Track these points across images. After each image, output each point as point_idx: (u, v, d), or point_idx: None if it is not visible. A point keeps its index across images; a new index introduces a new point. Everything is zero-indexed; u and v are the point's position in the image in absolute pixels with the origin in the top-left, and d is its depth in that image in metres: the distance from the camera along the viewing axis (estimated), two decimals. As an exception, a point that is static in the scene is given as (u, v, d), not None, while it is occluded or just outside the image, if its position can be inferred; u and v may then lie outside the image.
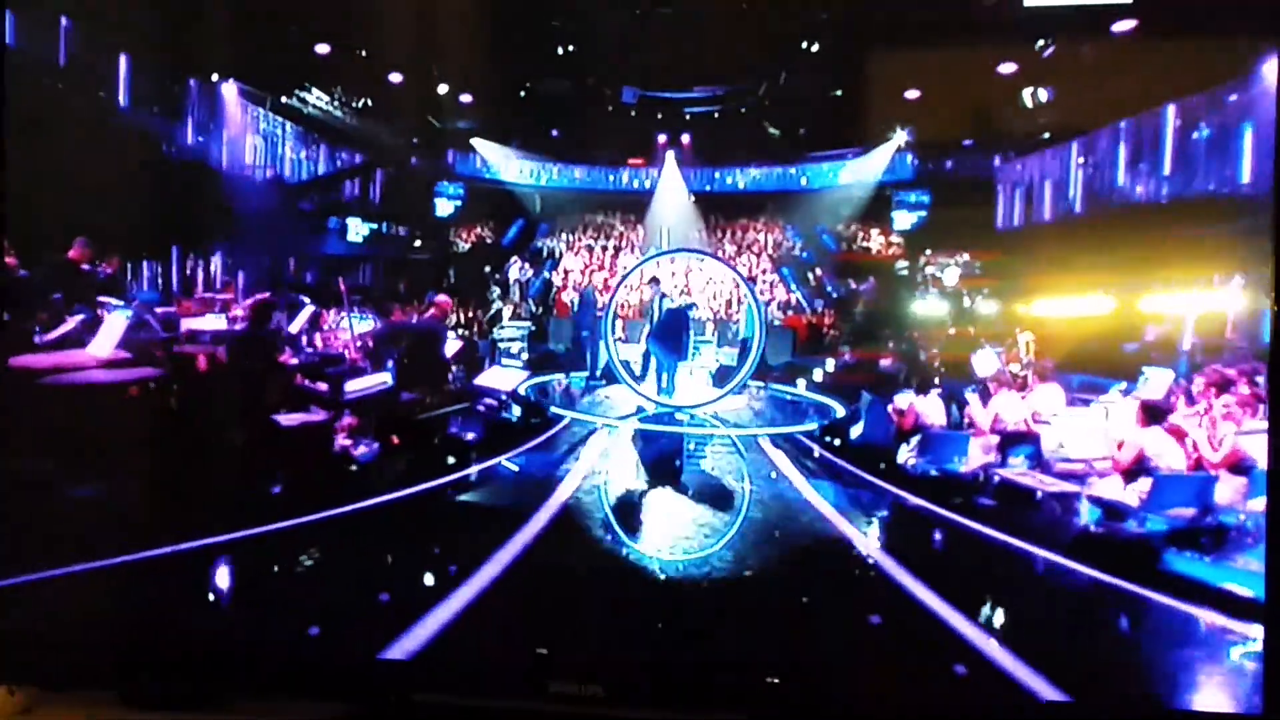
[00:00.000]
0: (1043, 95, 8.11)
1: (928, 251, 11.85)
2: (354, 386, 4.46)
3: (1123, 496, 3.45)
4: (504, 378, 6.96)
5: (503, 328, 8.42)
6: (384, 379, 4.65)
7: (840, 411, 6.39)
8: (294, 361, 5.29)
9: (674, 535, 3.76)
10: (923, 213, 11.77)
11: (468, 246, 10.48)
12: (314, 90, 8.24)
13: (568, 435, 5.77)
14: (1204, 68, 6.48)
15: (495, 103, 8.77)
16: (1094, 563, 3.00)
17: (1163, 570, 2.82)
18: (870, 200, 11.40)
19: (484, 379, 6.87)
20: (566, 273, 11.32)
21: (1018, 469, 4.15)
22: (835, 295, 9.53)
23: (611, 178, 11.51)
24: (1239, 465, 3.25)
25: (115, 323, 4.65)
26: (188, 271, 7.11)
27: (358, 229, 8.54)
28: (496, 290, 9.63)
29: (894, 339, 7.94)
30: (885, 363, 7.29)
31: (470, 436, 4.86)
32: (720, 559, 3.60)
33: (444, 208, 9.81)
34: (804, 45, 8.08)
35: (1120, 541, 2.96)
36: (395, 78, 8.05)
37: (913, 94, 9.43)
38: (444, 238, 10.15)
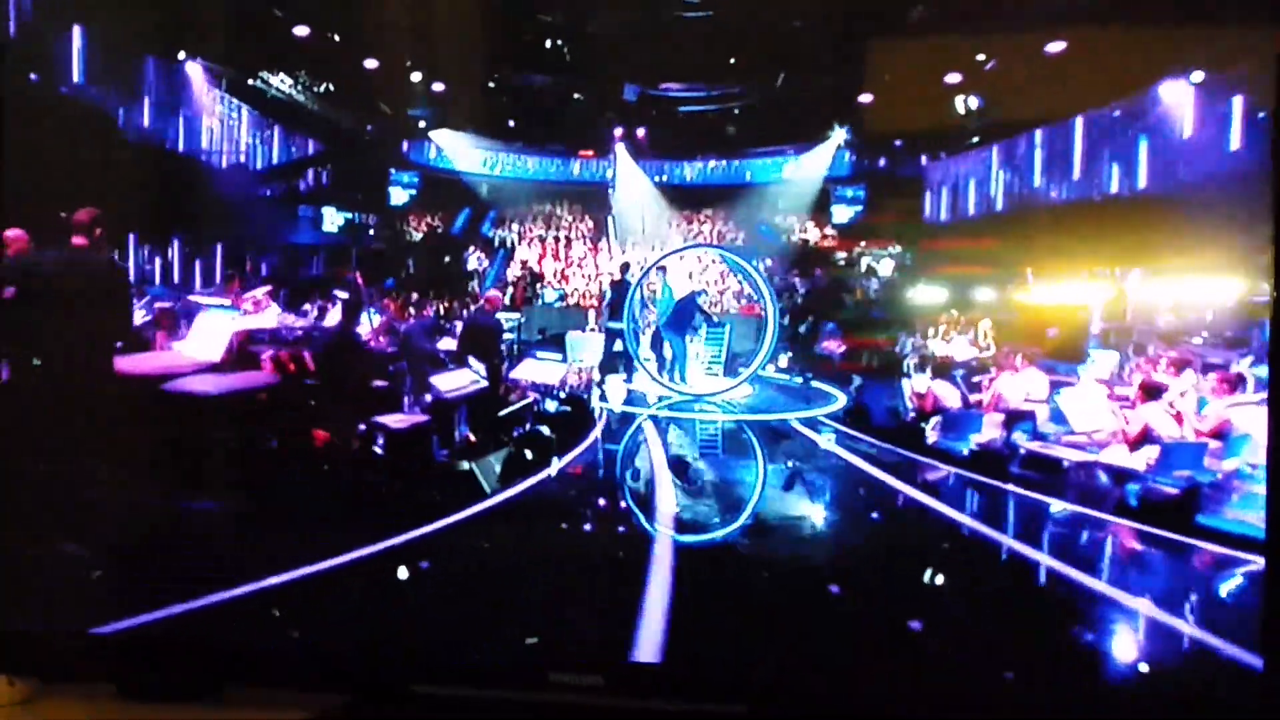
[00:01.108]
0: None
1: (861, 244, 12.57)
2: (449, 385, 4.29)
3: (1131, 462, 4.04)
4: (545, 371, 6.83)
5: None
6: (473, 377, 4.52)
7: (840, 399, 6.71)
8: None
9: (700, 519, 3.82)
10: (859, 207, 12.52)
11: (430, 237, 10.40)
12: (299, 75, 8.02)
13: (608, 428, 5.77)
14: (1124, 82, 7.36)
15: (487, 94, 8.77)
16: (1133, 516, 3.50)
17: (1195, 522, 3.37)
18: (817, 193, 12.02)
19: (524, 373, 6.75)
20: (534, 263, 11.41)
21: (1038, 443, 4.69)
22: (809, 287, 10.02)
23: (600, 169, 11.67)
24: (1220, 434, 3.90)
25: (217, 324, 4.13)
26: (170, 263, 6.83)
27: (333, 219, 8.37)
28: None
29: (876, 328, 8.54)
30: (871, 349, 7.89)
31: (546, 432, 4.81)
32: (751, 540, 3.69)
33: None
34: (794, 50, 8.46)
35: (1156, 500, 3.54)
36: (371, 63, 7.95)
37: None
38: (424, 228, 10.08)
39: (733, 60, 7.67)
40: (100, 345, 3.27)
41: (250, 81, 7.84)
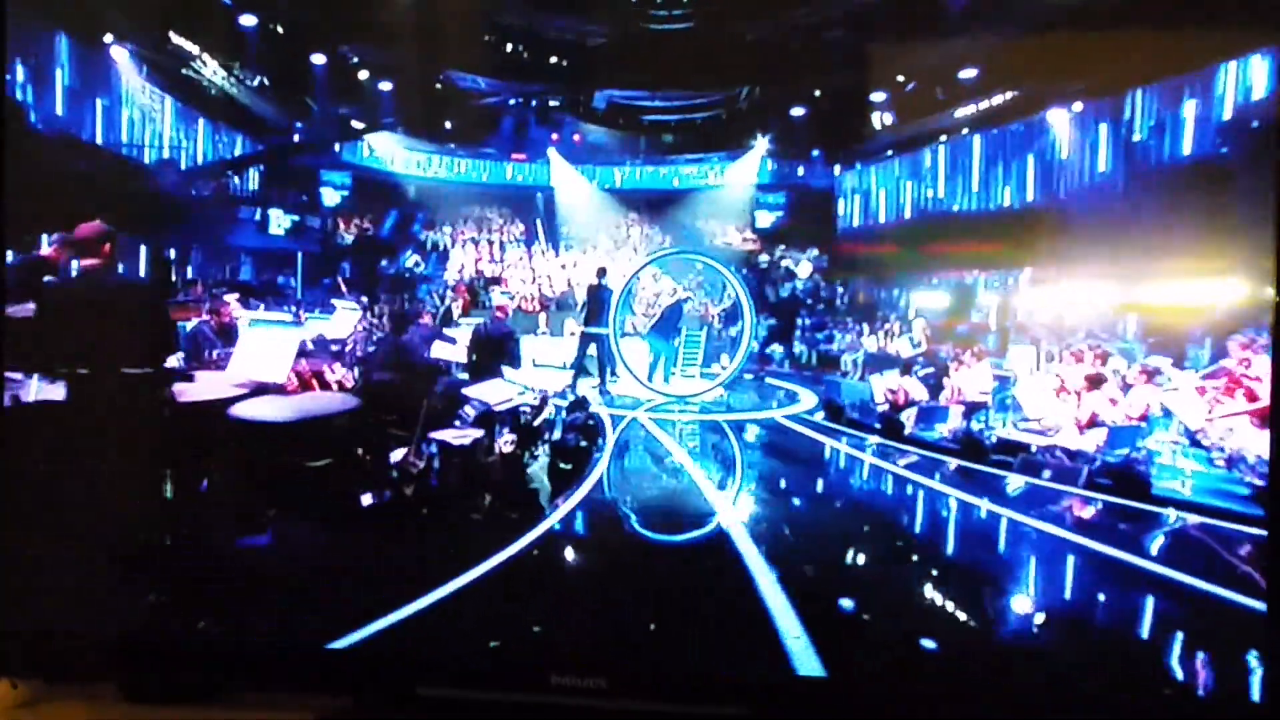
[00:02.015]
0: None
1: (781, 247, 13.26)
2: (497, 398, 3.98)
3: (1082, 444, 4.66)
4: (544, 379, 6.46)
5: (455, 325, 8.27)
6: (516, 389, 4.24)
7: (808, 399, 6.97)
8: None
9: (688, 520, 3.71)
10: (780, 213, 13.21)
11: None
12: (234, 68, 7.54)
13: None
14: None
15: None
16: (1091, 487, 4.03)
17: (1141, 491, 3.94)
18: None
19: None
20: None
21: (1002, 430, 5.22)
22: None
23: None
24: (1144, 417, 4.58)
25: (277, 339, 3.49)
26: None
27: (279, 220, 7.94)
28: (448, 287, 9.37)
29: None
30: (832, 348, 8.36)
31: (572, 439, 4.62)
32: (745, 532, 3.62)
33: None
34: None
35: (1119, 469, 4.13)
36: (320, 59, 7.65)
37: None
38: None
39: (702, 70, 7.94)
40: (141, 367, 2.91)
41: (183, 70, 7.34)
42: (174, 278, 6.78)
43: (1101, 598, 3.28)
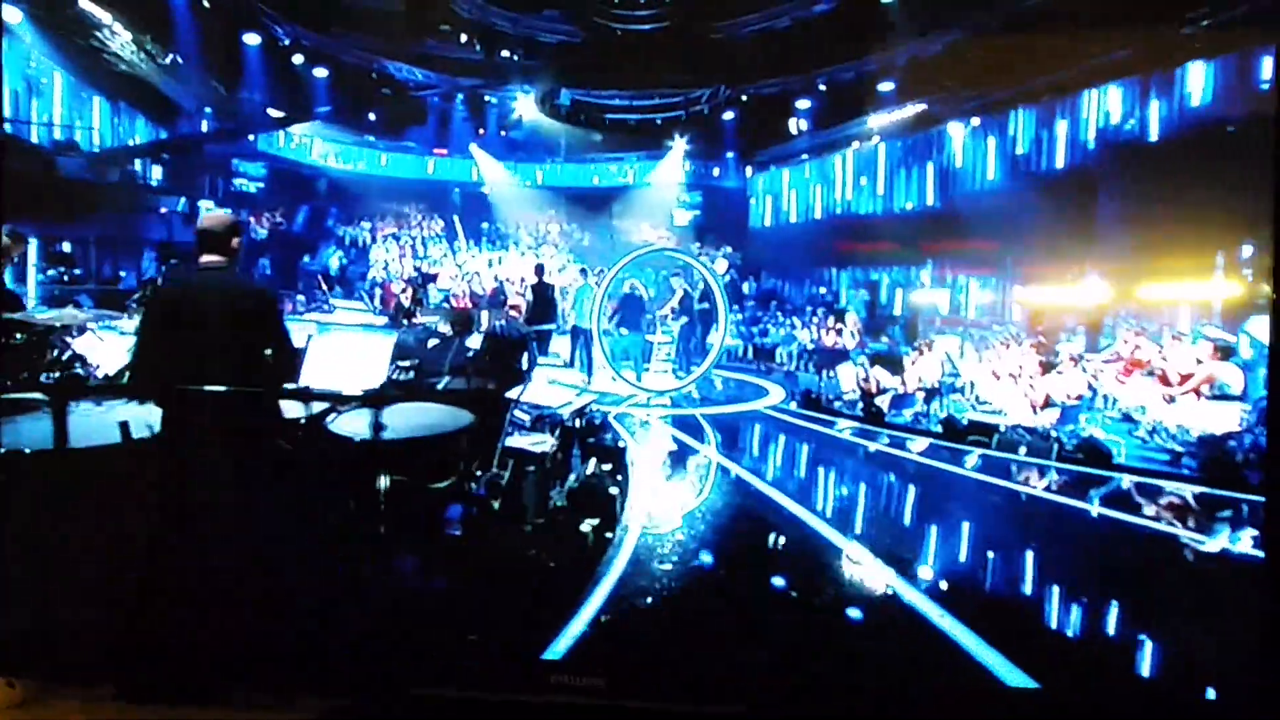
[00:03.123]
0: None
1: (697, 245, 13.67)
2: (557, 402, 3.61)
3: (1038, 421, 5.27)
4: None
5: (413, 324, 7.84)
6: (571, 391, 3.87)
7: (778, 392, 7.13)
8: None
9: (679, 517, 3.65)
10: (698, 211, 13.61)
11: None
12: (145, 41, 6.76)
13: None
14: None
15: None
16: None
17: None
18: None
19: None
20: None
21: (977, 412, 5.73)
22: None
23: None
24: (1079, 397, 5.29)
25: (370, 344, 2.81)
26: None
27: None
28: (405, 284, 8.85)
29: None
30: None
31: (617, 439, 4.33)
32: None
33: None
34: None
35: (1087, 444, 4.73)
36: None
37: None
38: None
39: (655, 69, 8.03)
40: (256, 377, 2.39)
41: (87, 40, 6.55)
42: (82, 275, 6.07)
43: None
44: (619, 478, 3.71)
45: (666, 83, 8.48)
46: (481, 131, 10.95)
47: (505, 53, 8.25)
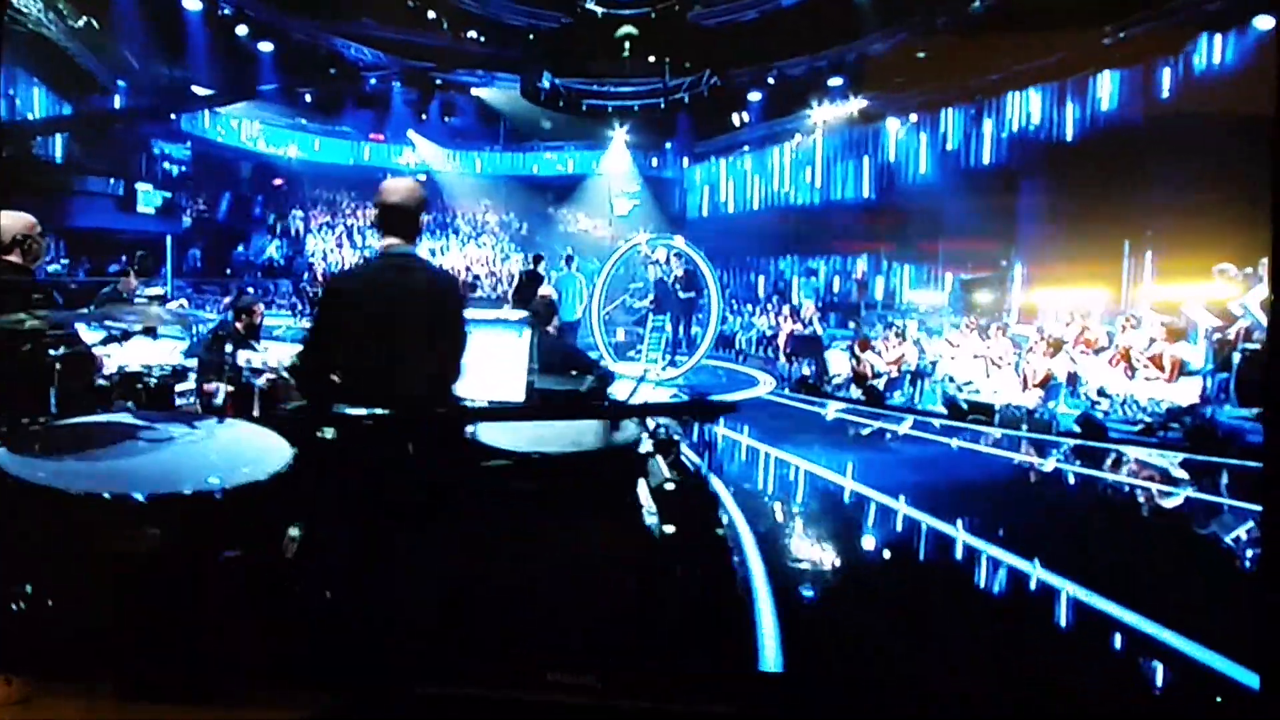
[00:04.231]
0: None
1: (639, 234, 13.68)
2: (623, 394, 3.20)
3: (1025, 400, 5.70)
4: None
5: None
6: (630, 383, 3.53)
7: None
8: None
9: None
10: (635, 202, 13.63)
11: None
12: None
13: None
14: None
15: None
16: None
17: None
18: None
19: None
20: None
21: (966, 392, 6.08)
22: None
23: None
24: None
25: (502, 343, 2.17)
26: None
27: (150, 197, 6.51)
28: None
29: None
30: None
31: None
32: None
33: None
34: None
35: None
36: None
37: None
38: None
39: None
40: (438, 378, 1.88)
41: None
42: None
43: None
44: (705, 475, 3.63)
45: (649, 70, 8.31)
46: (424, 117, 10.50)
47: (472, 34, 7.94)
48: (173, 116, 8.19)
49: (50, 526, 1.77)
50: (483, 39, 7.90)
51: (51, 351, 2.07)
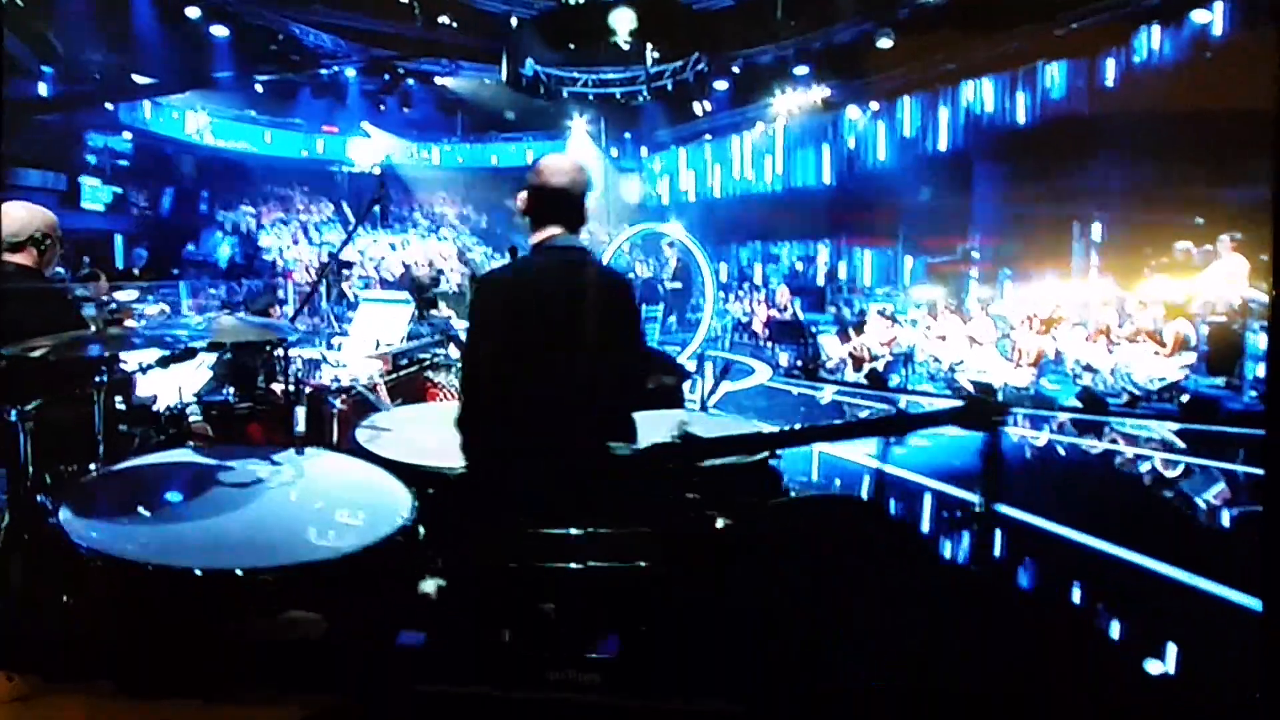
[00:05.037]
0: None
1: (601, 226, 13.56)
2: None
3: (1017, 377, 5.85)
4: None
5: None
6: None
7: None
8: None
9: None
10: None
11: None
12: None
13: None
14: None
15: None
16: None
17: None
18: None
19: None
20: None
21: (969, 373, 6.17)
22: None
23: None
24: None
25: None
26: None
27: (98, 193, 5.99)
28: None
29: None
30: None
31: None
32: None
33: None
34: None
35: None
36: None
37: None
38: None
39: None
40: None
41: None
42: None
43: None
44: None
45: (630, 57, 8.10)
46: (382, 108, 10.09)
47: (444, 19, 7.62)
48: (109, 106, 7.63)
49: (151, 608, 1.40)
50: (455, 24, 7.59)
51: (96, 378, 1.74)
